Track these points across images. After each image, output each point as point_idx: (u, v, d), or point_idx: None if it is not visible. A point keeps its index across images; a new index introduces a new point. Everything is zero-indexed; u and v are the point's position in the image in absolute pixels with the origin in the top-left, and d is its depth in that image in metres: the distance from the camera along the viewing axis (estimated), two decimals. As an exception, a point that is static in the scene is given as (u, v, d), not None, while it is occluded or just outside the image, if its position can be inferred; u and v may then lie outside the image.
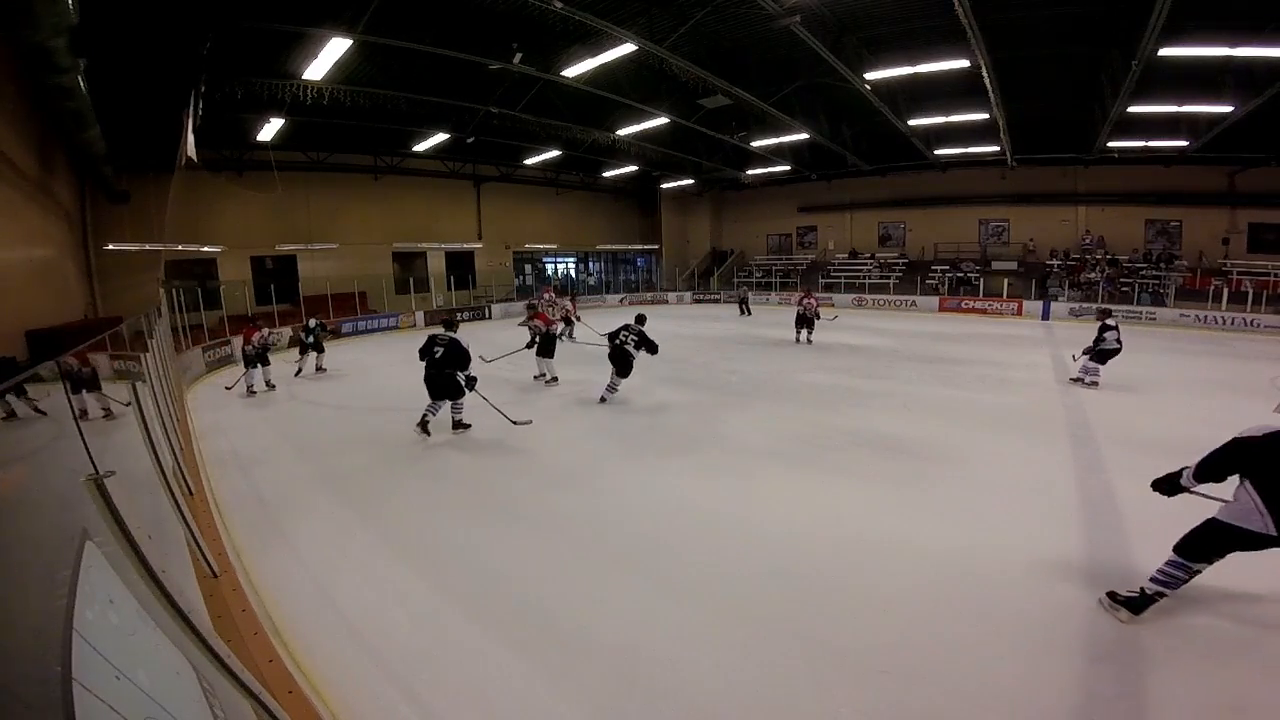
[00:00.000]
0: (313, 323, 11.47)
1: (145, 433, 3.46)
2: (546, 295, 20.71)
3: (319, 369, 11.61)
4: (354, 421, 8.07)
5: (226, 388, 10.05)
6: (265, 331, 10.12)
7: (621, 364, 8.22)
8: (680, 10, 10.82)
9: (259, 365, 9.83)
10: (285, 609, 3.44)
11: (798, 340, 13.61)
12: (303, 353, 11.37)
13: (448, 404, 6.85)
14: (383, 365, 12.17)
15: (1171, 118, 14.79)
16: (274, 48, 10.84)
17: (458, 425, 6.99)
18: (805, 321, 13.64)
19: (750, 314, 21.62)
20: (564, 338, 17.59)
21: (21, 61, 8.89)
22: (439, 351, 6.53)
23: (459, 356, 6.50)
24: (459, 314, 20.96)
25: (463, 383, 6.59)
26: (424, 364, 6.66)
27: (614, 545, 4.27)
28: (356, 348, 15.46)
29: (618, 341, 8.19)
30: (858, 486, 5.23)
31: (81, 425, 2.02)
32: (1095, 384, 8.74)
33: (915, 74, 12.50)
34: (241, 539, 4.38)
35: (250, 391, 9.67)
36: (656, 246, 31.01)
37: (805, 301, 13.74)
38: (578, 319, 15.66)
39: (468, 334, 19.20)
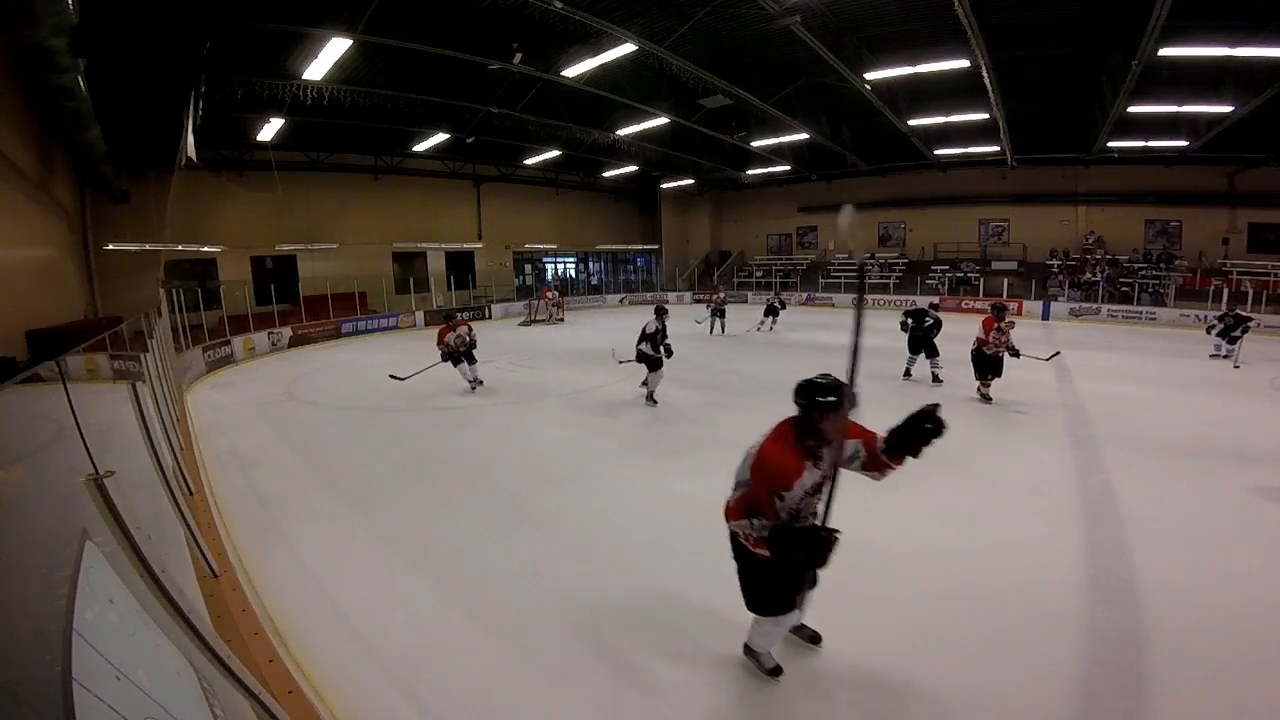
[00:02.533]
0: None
1: (145, 433, 3.46)
2: (549, 295, 20.76)
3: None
4: (354, 421, 8.07)
5: (475, 382, 9.47)
6: (465, 329, 9.27)
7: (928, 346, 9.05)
8: (680, 10, 10.82)
9: (466, 361, 9.26)
10: (285, 609, 3.44)
11: (981, 395, 8.03)
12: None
13: (925, 361, 8.83)
14: (382, 365, 12.15)
15: (1171, 118, 14.77)
16: (274, 48, 10.84)
17: (936, 379, 8.91)
18: (991, 366, 7.85)
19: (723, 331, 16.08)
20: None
21: (21, 61, 8.89)
22: (929, 320, 8.75)
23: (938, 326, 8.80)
24: (459, 313, 21.00)
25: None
26: (910, 328, 9.02)
27: (614, 545, 4.27)
28: (357, 348, 15.45)
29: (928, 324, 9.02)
30: (856, 486, 5.21)
31: (81, 425, 2.02)
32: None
33: (915, 74, 12.50)
34: (241, 539, 4.38)
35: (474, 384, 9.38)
36: (656, 246, 31.00)
37: (997, 337, 7.61)
38: (721, 312, 16.02)
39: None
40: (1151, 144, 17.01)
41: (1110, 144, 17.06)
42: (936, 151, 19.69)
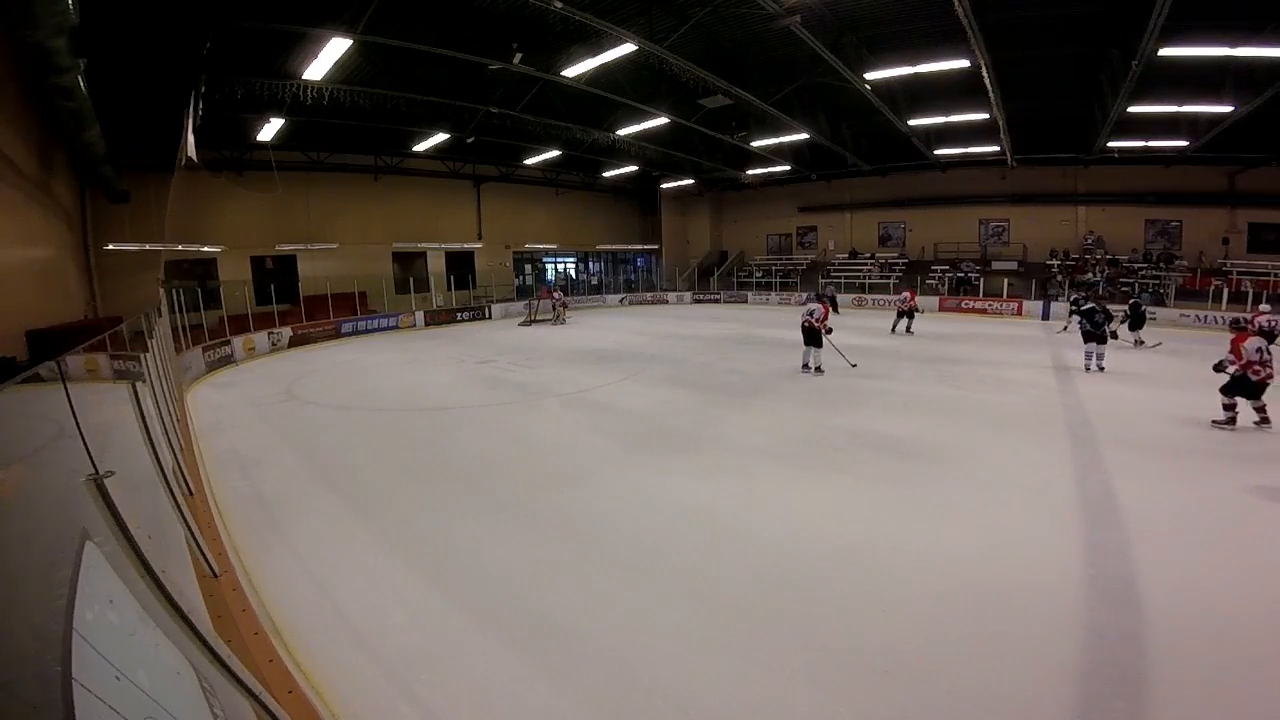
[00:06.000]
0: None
1: (145, 433, 3.46)
2: (557, 295, 20.81)
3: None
4: (354, 421, 8.07)
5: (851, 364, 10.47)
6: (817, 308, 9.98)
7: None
8: (680, 10, 10.82)
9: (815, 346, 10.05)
10: (285, 609, 3.44)
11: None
12: None
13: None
14: (382, 365, 12.17)
15: (1171, 118, 14.77)
16: (274, 48, 10.84)
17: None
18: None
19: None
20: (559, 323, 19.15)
21: (21, 61, 8.89)
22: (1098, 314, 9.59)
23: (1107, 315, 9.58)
24: (459, 314, 21.05)
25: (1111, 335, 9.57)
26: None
27: (614, 545, 4.27)
28: (357, 348, 15.45)
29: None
30: (857, 487, 5.23)
31: (81, 425, 2.02)
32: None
33: (915, 74, 12.49)
34: (241, 539, 4.39)
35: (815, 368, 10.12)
36: (656, 246, 31.00)
37: None
38: (916, 313, 15.64)
39: (468, 334, 19.18)
40: (1151, 144, 17.00)
41: (1110, 144, 17.06)
42: (936, 151, 19.68)
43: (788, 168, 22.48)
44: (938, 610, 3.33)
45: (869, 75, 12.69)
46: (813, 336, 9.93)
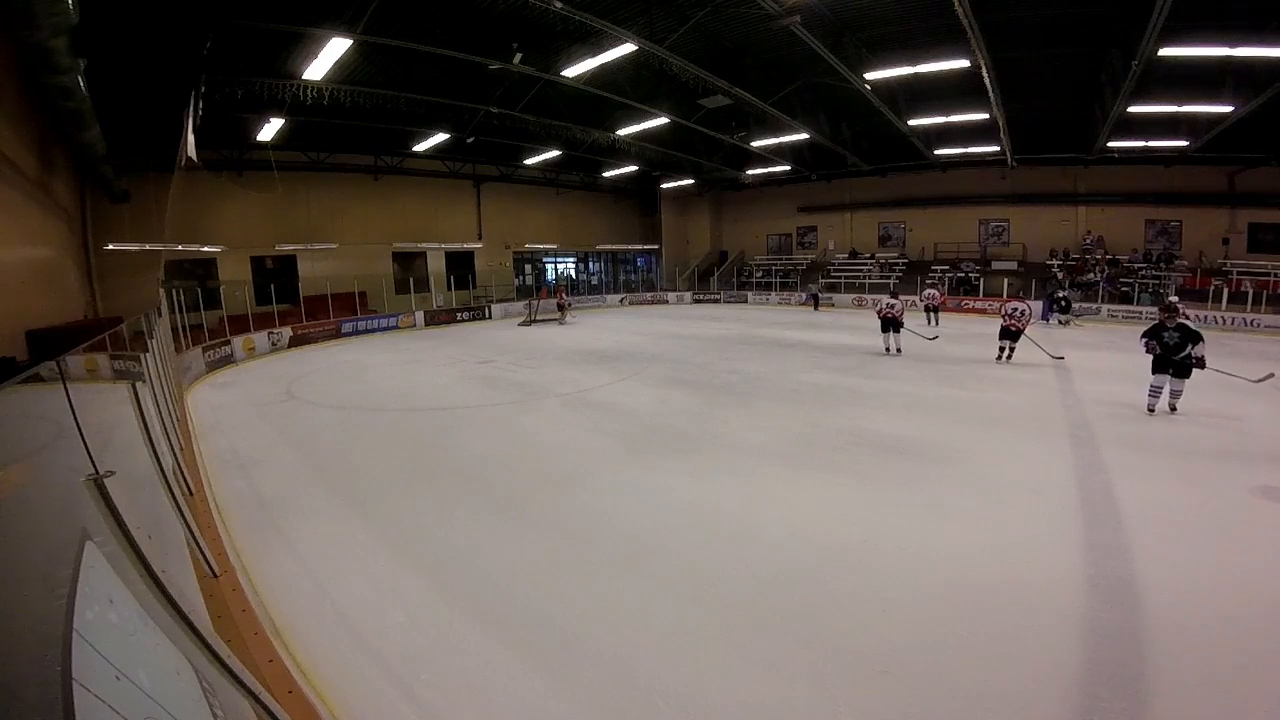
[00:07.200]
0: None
1: (145, 433, 3.46)
2: (562, 296, 20.82)
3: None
4: (354, 421, 8.07)
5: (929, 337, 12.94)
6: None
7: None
8: (680, 10, 10.82)
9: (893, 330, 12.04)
10: (285, 609, 3.44)
11: None
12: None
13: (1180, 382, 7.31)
14: (382, 365, 12.17)
15: (1171, 118, 14.77)
16: (274, 48, 10.84)
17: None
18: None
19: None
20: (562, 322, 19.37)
21: (21, 61, 8.89)
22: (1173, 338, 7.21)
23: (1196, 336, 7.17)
24: (459, 314, 21.06)
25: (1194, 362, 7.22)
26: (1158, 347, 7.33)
27: (614, 545, 4.27)
28: (357, 348, 15.45)
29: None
30: (857, 486, 5.23)
31: (81, 425, 2.02)
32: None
33: (915, 74, 12.50)
34: (241, 539, 4.39)
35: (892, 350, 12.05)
36: (656, 246, 31.00)
37: None
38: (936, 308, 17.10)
39: (468, 334, 19.18)
40: (1151, 144, 17.00)
41: (1110, 144, 17.06)
42: (936, 151, 19.68)
43: (788, 168, 22.48)
44: (938, 610, 3.33)
45: (869, 75, 12.69)
46: (889, 323, 11.97)
